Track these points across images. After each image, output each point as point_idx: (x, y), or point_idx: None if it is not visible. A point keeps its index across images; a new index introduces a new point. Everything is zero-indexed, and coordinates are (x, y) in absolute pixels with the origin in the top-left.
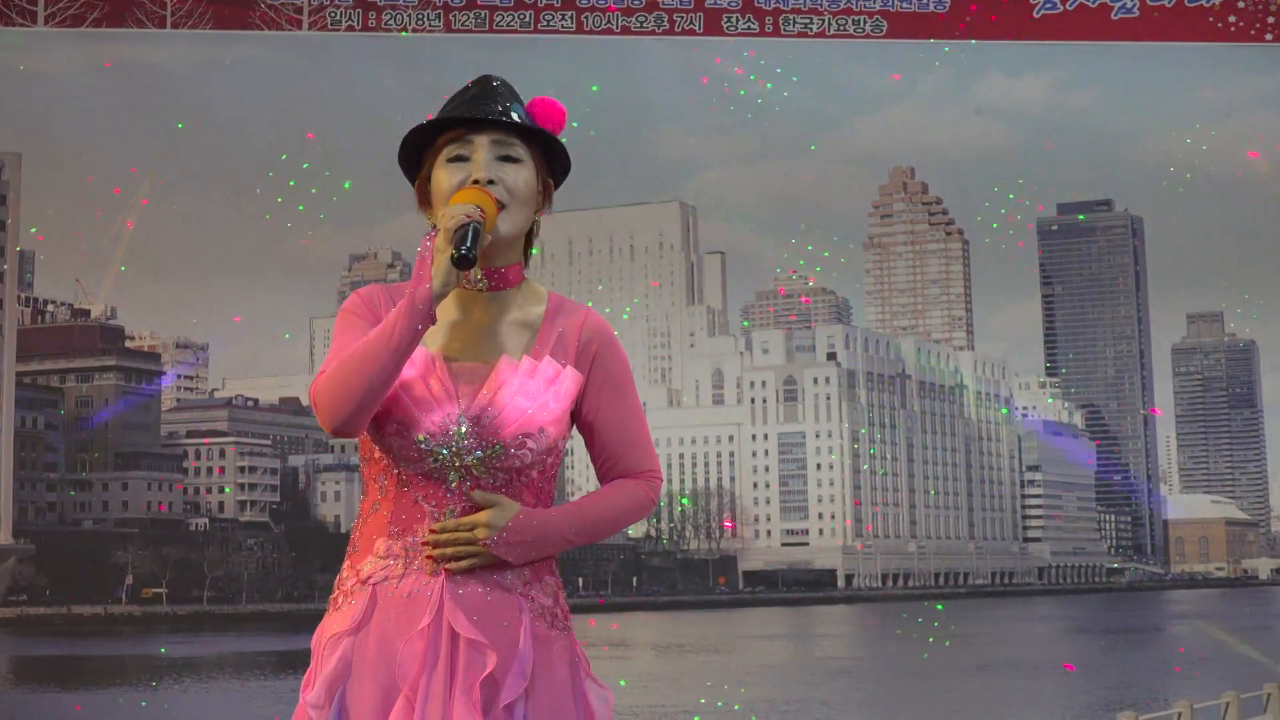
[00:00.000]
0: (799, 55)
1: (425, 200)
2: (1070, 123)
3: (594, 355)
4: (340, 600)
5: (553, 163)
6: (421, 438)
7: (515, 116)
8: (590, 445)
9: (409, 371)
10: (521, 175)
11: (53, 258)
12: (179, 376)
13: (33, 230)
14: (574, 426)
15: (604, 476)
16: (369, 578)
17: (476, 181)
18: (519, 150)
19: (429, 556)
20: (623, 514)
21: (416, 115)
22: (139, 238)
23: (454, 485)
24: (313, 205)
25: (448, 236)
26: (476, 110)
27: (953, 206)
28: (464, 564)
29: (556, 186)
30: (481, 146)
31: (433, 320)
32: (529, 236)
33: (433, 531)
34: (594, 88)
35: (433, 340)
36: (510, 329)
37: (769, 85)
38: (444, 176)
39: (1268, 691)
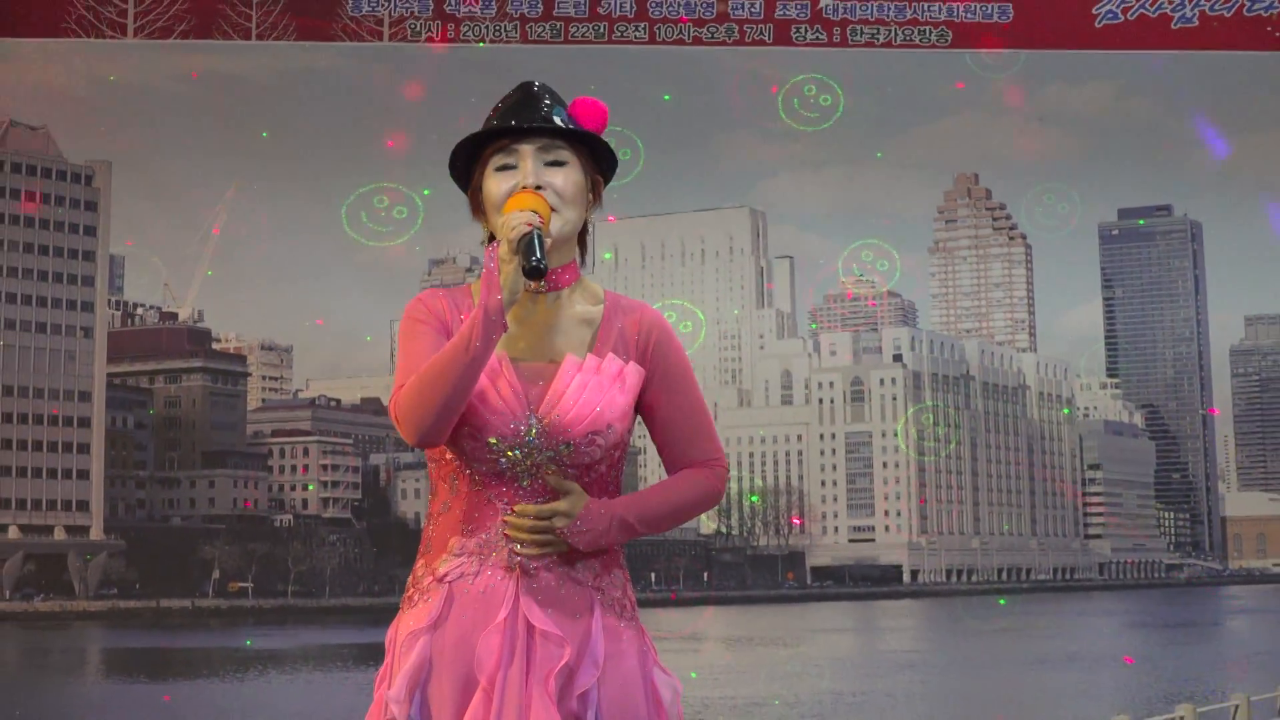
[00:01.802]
0: (866, 64)
1: (478, 209)
2: (1131, 130)
3: (653, 348)
4: (416, 598)
5: (599, 160)
6: (494, 440)
7: (558, 120)
8: (655, 437)
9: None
10: (569, 177)
11: (142, 262)
12: (264, 378)
13: (126, 242)
14: (636, 419)
15: (671, 466)
16: (444, 576)
17: (526, 188)
18: (564, 153)
19: (505, 535)
20: (688, 504)
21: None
22: (225, 243)
23: (525, 484)
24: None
25: (511, 247)
26: (519, 118)
27: (1016, 211)
28: (538, 551)
29: (606, 183)
30: (527, 154)
31: (505, 328)
32: (583, 235)
33: (513, 513)
34: (666, 97)
35: (498, 343)
36: (571, 327)
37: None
38: (494, 186)
39: None
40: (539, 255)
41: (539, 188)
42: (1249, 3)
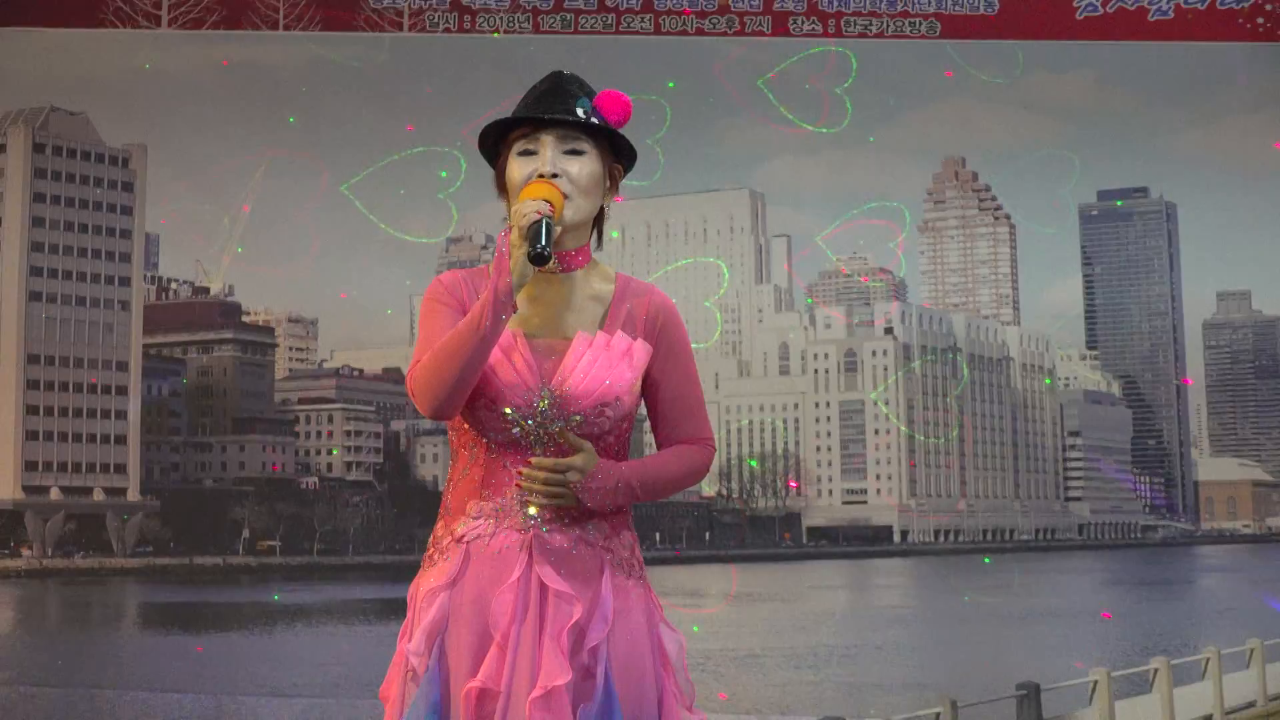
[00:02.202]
0: (859, 54)
1: (503, 188)
2: (1110, 116)
3: (660, 329)
4: (436, 557)
5: (619, 150)
6: (508, 411)
7: (581, 111)
8: (651, 411)
9: (494, 351)
10: (585, 167)
11: (175, 240)
12: (291, 349)
13: (160, 221)
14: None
15: (662, 440)
16: (462, 536)
17: (542, 175)
18: (583, 143)
19: (518, 485)
20: (682, 476)
21: (506, 110)
22: (254, 222)
23: (538, 452)
24: (412, 191)
25: (522, 233)
26: (543, 109)
27: (1001, 193)
28: (549, 503)
29: (626, 171)
30: (547, 142)
31: (514, 309)
32: (598, 220)
33: (528, 464)
34: (670, 84)
35: (513, 319)
36: (583, 306)
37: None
38: (515, 169)
39: None
40: (544, 243)
41: (555, 175)
42: None
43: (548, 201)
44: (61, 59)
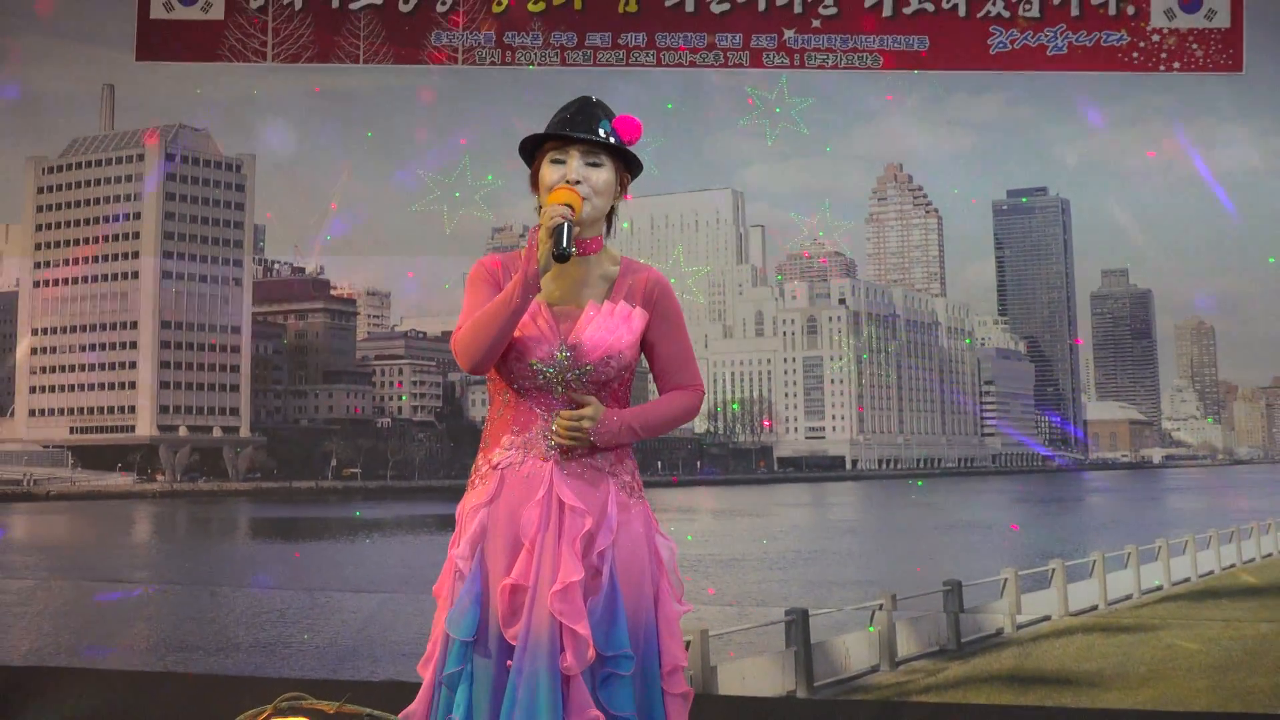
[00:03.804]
0: (818, 82)
1: (535, 185)
2: (1017, 130)
3: (656, 300)
4: (477, 482)
5: (630, 163)
6: (533, 362)
7: (602, 132)
8: (652, 366)
9: (523, 316)
10: (602, 176)
11: (278, 230)
12: (369, 317)
13: (266, 215)
14: (640, 351)
15: (661, 390)
16: (498, 464)
17: (568, 181)
18: (602, 157)
19: (547, 434)
20: (675, 417)
21: (537, 125)
22: (340, 216)
23: (558, 395)
24: (465, 191)
25: (548, 233)
26: (573, 128)
27: (930, 192)
28: (572, 443)
29: (634, 178)
30: (574, 155)
31: (539, 289)
32: (610, 215)
33: (558, 417)
34: (669, 105)
35: (540, 293)
36: (594, 282)
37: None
38: (547, 173)
39: (1158, 544)
40: (565, 244)
41: (578, 182)
42: (1104, 38)
43: (569, 205)
44: (189, 86)
